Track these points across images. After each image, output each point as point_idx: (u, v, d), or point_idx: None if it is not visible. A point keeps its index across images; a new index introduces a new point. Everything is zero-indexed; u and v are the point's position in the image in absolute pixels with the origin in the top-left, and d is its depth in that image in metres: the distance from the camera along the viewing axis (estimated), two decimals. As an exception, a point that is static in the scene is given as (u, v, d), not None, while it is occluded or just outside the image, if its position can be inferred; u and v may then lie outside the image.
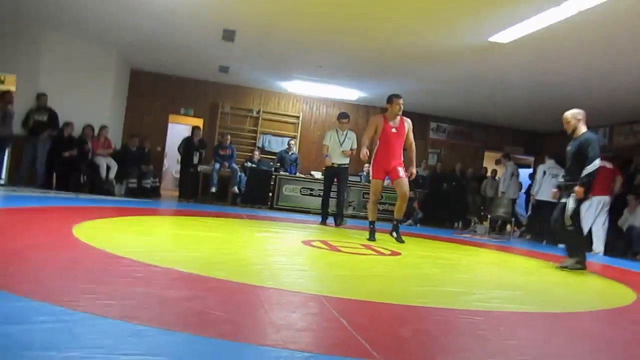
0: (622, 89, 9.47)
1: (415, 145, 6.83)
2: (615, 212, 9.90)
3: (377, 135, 6.60)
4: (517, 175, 12.39)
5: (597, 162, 5.42)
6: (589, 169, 5.42)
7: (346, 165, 8.74)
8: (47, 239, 3.86)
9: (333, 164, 8.60)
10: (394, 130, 6.49)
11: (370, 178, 6.75)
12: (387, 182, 7.35)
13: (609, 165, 9.42)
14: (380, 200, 7.44)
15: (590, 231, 9.12)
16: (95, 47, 10.65)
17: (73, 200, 7.89)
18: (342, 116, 8.95)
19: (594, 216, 9.21)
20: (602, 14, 6.21)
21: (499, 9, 6.57)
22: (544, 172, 10.65)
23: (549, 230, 9.08)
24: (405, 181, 6.47)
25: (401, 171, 6.47)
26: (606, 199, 9.27)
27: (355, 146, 8.63)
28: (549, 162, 10.72)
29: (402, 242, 6.35)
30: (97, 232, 4.51)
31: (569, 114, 5.80)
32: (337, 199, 8.65)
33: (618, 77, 8.77)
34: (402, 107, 6.50)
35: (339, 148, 8.60)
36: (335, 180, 8.74)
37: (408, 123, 6.61)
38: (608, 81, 9.10)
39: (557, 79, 9.35)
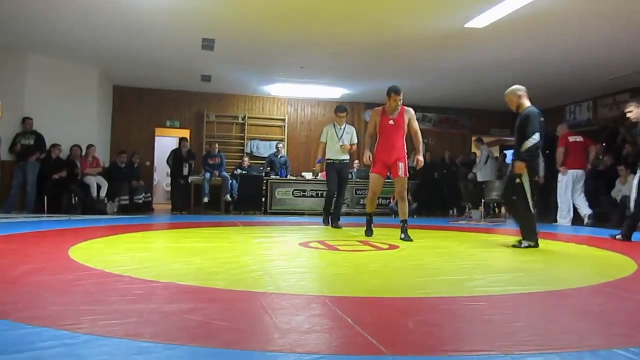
0: (602, 62, 9.54)
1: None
2: (607, 184, 9.98)
3: (377, 129, 6.47)
4: (493, 158, 12.61)
5: (536, 137, 5.40)
6: (527, 143, 5.44)
7: (347, 161, 8.25)
8: (43, 264, 3.83)
9: (333, 160, 8.04)
10: (391, 122, 6.32)
11: (370, 172, 6.64)
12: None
13: (580, 138, 9.67)
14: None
15: (572, 205, 9.63)
16: (77, 67, 10.65)
17: (66, 222, 7.84)
18: (340, 109, 8.24)
19: (571, 190, 9.53)
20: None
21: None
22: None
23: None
24: (402, 180, 6.31)
25: (401, 168, 6.27)
26: (580, 172, 9.59)
27: (355, 140, 8.21)
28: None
29: (410, 240, 6.05)
30: (93, 253, 4.48)
31: (508, 91, 5.86)
32: (337, 199, 8.23)
33: (597, 50, 8.85)
34: (399, 102, 6.30)
35: (337, 143, 8.02)
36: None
37: (409, 113, 6.41)
38: (587, 55, 9.18)
39: (536, 58, 9.42)
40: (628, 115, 6.88)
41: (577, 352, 2.03)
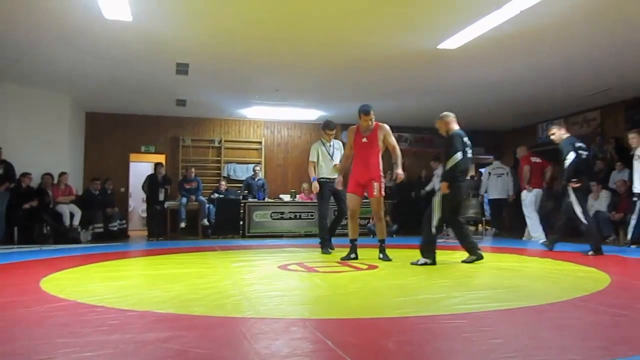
0: (571, 81, 9.74)
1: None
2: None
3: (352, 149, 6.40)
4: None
5: (457, 156, 5.64)
6: (448, 163, 5.70)
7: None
8: (14, 297, 3.74)
9: (327, 179, 7.43)
10: (364, 140, 6.22)
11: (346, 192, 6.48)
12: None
13: (539, 160, 10.37)
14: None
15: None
16: (48, 95, 10.54)
17: (38, 252, 7.68)
18: (328, 126, 7.60)
19: (535, 207, 10.01)
20: (543, 12, 6.38)
21: (442, 17, 6.74)
22: (489, 173, 11.67)
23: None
24: (378, 200, 6.17)
25: (375, 188, 6.12)
26: (539, 191, 10.11)
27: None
28: (495, 163, 11.74)
29: (389, 260, 6.03)
30: (66, 283, 4.40)
31: (438, 118, 6.04)
32: (336, 219, 7.76)
33: (565, 71, 9.03)
34: (370, 122, 6.20)
35: (330, 162, 7.47)
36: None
37: (383, 129, 6.27)
38: (557, 76, 9.34)
39: (508, 79, 9.59)
40: (551, 137, 7.38)
41: (557, 368, 2.04)
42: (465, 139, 5.79)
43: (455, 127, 5.89)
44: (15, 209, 9.54)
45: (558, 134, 7.31)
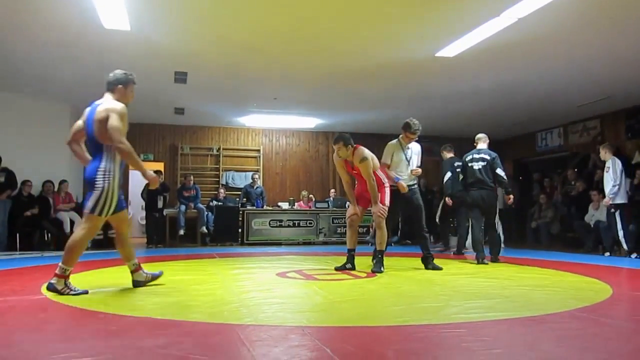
0: (570, 89, 9.76)
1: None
2: (580, 209, 10.13)
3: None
4: None
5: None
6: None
7: (416, 187, 6.69)
8: (16, 302, 3.75)
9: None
10: (355, 171, 5.96)
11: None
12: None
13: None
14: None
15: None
16: (48, 104, 10.58)
17: (39, 259, 7.69)
18: (411, 128, 6.54)
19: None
20: (541, 20, 6.41)
21: (440, 25, 6.76)
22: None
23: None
24: (374, 209, 5.84)
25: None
26: None
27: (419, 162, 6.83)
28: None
29: (381, 272, 5.71)
30: (66, 289, 4.39)
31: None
32: (418, 232, 6.65)
33: (564, 79, 9.04)
34: (342, 152, 5.79)
35: (407, 167, 6.52)
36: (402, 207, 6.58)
37: (357, 156, 5.81)
38: (556, 83, 9.36)
39: (507, 86, 9.60)
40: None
41: (556, 377, 2.03)
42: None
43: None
44: (16, 217, 9.57)
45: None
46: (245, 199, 12.27)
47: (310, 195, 13.12)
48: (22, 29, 6.95)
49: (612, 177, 8.44)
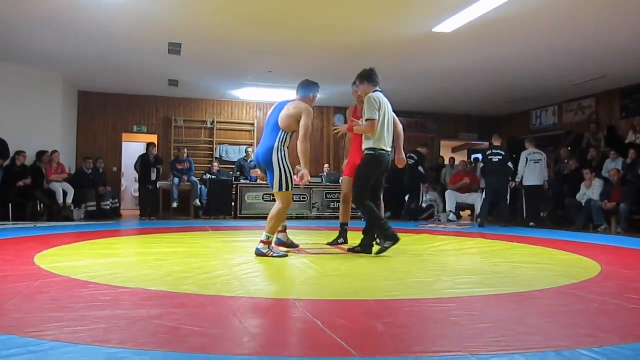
0: (567, 67, 9.74)
1: None
2: (572, 187, 10.18)
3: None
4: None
5: None
6: None
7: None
8: (8, 271, 3.76)
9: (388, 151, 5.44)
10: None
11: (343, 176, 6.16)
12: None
13: None
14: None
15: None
16: (40, 73, 10.49)
17: (32, 229, 7.69)
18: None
19: None
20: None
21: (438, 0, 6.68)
22: (527, 159, 10.56)
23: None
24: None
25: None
26: None
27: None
28: (530, 148, 10.64)
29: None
30: (59, 260, 4.41)
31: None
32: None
33: (561, 56, 9.01)
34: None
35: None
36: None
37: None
38: (552, 61, 9.34)
39: (503, 63, 9.58)
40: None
41: (542, 353, 2.07)
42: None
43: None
44: (9, 187, 9.55)
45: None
46: (239, 173, 12.26)
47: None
48: (14, -2, 6.87)
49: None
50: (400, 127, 5.91)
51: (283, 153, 4.96)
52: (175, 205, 11.53)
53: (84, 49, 8.99)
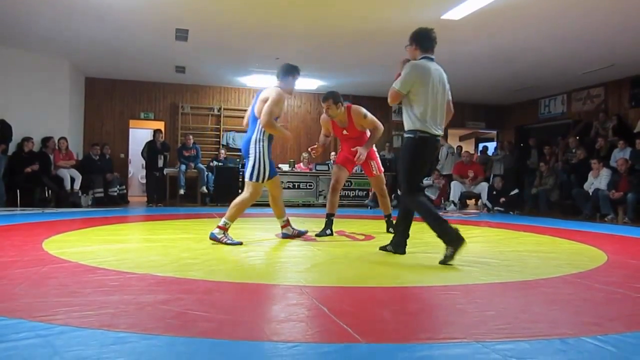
0: (576, 55, 9.66)
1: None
2: (579, 176, 10.15)
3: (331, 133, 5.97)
4: (454, 154, 13.03)
5: None
6: None
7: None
8: (17, 256, 3.79)
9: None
10: (345, 132, 5.82)
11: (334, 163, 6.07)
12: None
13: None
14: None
15: None
16: (47, 59, 10.49)
17: (40, 215, 7.73)
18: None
19: None
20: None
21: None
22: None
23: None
24: (377, 179, 5.91)
25: (373, 167, 5.86)
26: None
27: None
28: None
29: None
30: (67, 245, 4.44)
31: None
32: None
33: (571, 43, 8.94)
34: (332, 111, 5.79)
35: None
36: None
37: (355, 116, 5.73)
38: (561, 49, 9.27)
39: (512, 52, 9.50)
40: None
41: (547, 340, 2.08)
42: None
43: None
44: (17, 173, 9.59)
45: None
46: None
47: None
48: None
49: None
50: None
51: (262, 144, 4.96)
52: (182, 192, 11.56)
53: (91, 35, 8.99)
